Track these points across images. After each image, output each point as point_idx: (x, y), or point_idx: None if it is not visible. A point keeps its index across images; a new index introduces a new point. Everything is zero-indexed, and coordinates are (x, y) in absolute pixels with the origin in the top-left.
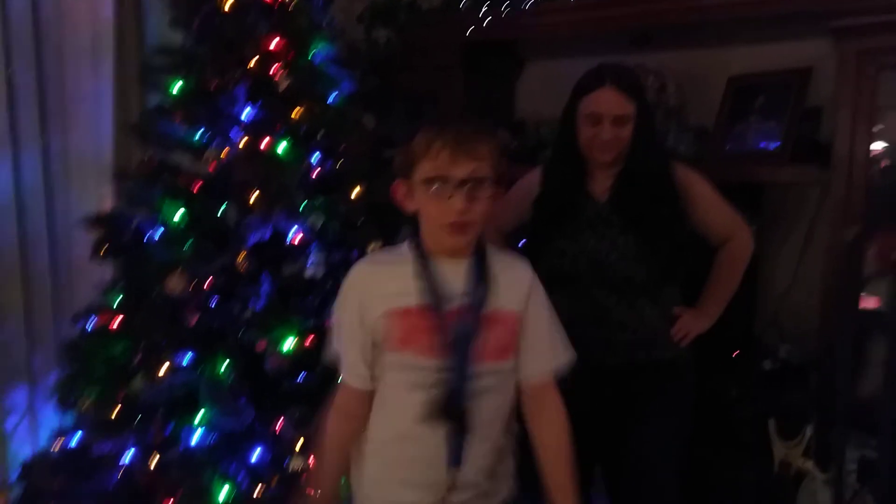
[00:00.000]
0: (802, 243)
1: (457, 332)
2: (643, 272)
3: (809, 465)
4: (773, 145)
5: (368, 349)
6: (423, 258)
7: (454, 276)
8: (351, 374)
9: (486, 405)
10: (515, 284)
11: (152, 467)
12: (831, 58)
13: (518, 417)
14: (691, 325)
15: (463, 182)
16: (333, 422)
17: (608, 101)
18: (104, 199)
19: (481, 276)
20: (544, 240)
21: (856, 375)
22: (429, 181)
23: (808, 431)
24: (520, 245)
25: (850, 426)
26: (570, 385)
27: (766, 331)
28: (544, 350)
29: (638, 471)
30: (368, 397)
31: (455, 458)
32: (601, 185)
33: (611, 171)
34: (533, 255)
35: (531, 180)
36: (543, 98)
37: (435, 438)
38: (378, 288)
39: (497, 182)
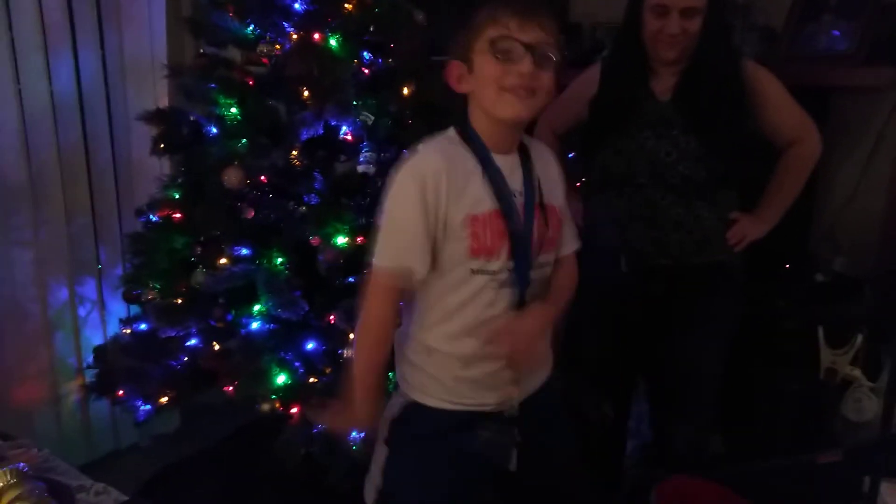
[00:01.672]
0: (869, 153)
1: (523, 231)
2: (703, 173)
3: (857, 372)
4: (846, 46)
5: (430, 241)
6: (487, 157)
7: (509, 172)
8: (408, 257)
9: (536, 292)
10: (554, 177)
11: (215, 351)
12: None
13: None
14: (748, 229)
15: (531, 47)
16: (380, 309)
17: None
18: (160, 95)
19: (530, 171)
20: (600, 139)
21: None
22: (495, 43)
23: (858, 340)
24: (569, 157)
25: None
26: (618, 287)
27: (822, 244)
28: (572, 230)
29: (680, 375)
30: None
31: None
32: (664, 83)
33: (675, 68)
34: (588, 155)
35: (589, 78)
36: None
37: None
38: (454, 188)
39: (557, 69)
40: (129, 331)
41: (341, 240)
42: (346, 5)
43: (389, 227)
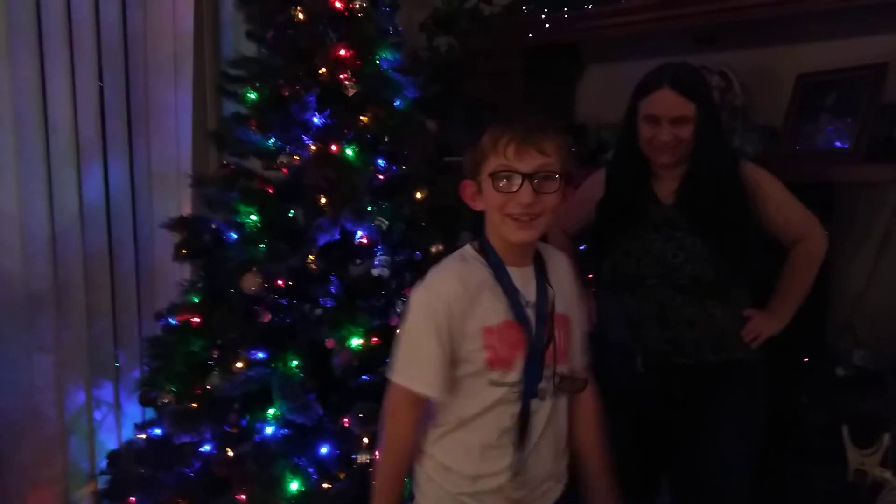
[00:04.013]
0: (879, 245)
1: (535, 342)
2: (711, 273)
3: (888, 474)
4: (845, 144)
5: (446, 362)
6: (501, 269)
7: (523, 283)
8: (425, 384)
9: (554, 406)
10: (566, 286)
11: (229, 458)
12: None
13: None
14: (762, 326)
15: (530, 175)
16: (400, 425)
17: (665, 103)
18: (184, 204)
19: (545, 282)
20: (609, 242)
21: None
22: (496, 175)
23: (886, 440)
24: (581, 249)
25: None
26: (636, 387)
27: (839, 336)
28: (583, 345)
29: (706, 476)
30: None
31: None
32: (667, 187)
33: (675, 171)
34: (597, 257)
35: (595, 182)
36: (604, 101)
37: (509, 446)
38: (466, 303)
39: (566, 181)
40: (143, 436)
41: (356, 341)
42: (361, 118)
43: (405, 349)
